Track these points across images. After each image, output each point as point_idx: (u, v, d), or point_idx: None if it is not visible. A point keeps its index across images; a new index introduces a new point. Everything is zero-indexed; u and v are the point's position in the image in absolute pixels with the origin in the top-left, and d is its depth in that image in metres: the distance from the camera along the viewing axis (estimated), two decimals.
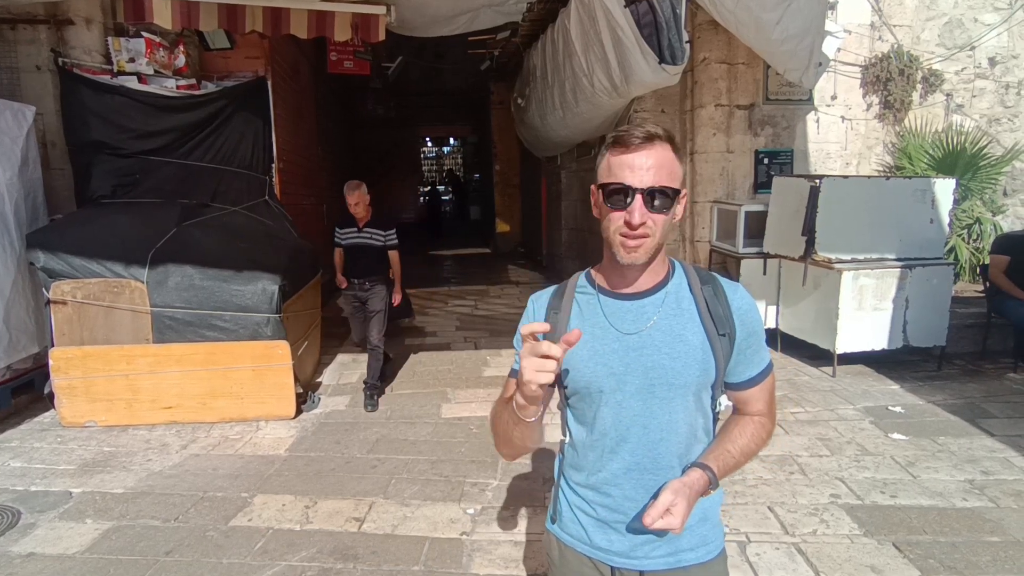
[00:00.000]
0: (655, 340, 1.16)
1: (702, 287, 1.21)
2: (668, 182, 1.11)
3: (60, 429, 3.95)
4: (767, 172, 5.95)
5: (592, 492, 1.22)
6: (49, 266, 3.94)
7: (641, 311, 1.19)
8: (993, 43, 6.51)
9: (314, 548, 2.67)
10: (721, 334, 1.17)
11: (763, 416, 1.26)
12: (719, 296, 1.20)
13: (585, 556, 1.24)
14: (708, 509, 1.23)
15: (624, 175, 1.11)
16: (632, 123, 1.22)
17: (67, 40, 4.81)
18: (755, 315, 1.23)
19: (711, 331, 1.17)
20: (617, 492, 1.19)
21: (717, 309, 1.19)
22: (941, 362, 4.90)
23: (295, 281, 4.52)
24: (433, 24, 5.80)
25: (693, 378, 1.16)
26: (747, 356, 1.22)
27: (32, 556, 2.61)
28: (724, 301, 1.20)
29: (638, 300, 1.19)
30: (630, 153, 1.12)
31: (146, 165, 4.93)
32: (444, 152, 24.80)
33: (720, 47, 5.79)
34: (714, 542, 1.24)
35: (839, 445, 3.57)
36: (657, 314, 1.18)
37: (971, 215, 6.22)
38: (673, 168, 1.13)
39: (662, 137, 1.13)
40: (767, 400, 1.26)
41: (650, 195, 1.10)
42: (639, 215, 1.10)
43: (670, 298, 1.20)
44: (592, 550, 1.23)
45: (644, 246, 1.12)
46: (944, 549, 2.57)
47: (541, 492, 3.10)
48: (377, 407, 4.32)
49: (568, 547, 1.26)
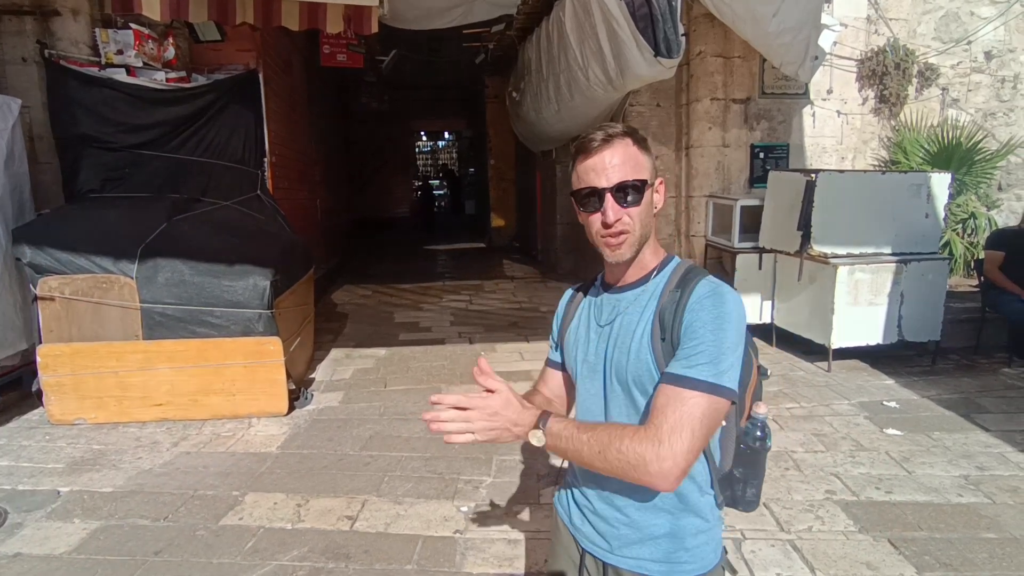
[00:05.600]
0: (614, 333, 1.21)
1: (673, 290, 1.15)
2: (634, 175, 1.14)
3: (48, 427, 3.90)
4: (763, 166, 5.93)
5: (572, 476, 1.32)
6: (36, 262, 3.88)
7: (615, 304, 1.24)
8: (989, 37, 6.50)
9: (305, 547, 2.64)
10: (662, 338, 1.13)
11: (649, 426, 1.03)
12: (681, 300, 1.12)
13: (570, 533, 1.31)
14: (681, 528, 1.16)
15: (591, 179, 1.15)
16: (592, 128, 1.23)
17: (53, 31, 4.72)
18: (702, 316, 1.08)
19: (656, 335, 1.13)
20: (585, 476, 1.26)
21: (668, 313, 1.13)
22: (936, 357, 4.90)
23: (288, 276, 4.47)
24: (427, 16, 5.74)
25: (632, 373, 1.16)
26: (677, 355, 1.09)
27: (19, 556, 2.57)
28: (682, 305, 1.12)
29: (617, 293, 1.24)
30: (592, 156, 1.15)
31: (135, 159, 4.85)
32: (439, 146, 24.72)
33: (716, 40, 5.75)
34: (686, 565, 1.15)
35: (834, 441, 3.56)
36: (627, 308, 1.21)
37: (966, 210, 6.22)
38: (638, 161, 1.16)
39: (620, 134, 1.16)
40: (666, 413, 1.02)
41: (619, 191, 1.14)
42: (612, 213, 1.14)
43: (644, 295, 1.21)
44: (572, 528, 1.30)
45: (627, 241, 1.16)
46: (940, 546, 2.56)
47: (535, 489, 3.08)
48: None
49: (560, 520, 1.35)
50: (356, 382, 4.79)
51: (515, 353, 5.37)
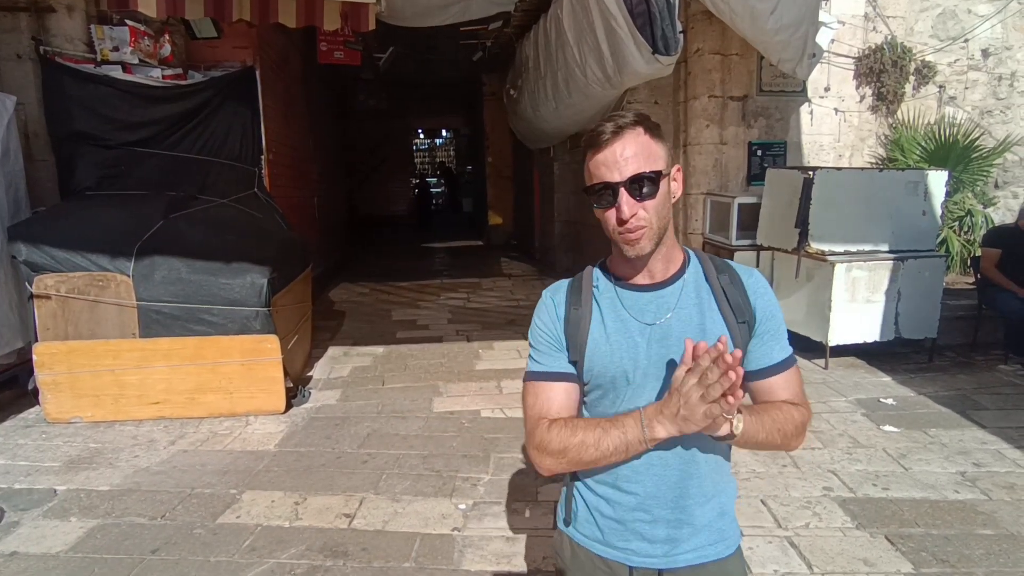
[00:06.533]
0: (675, 330, 1.15)
1: (718, 275, 1.19)
2: (648, 166, 1.09)
3: (45, 425, 3.89)
4: (760, 164, 5.93)
5: (612, 490, 1.18)
6: (32, 259, 3.86)
7: (660, 301, 1.17)
8: (986, 34, 6.50)
9: (303, 545, 2.63)
10: (740, 322, 1.16)
11: (795, 399, 1.20)
12: (735, 283, 1.19)
13: (599, 556, 1.20)
14: (725, 504, 1.22)
15: (603, 173, 1.10)
16: (603, 118, 1.19)
17: (48, 28, 4.70)
18: (772, 299, 1.21)
19: (730, 320, 1.16)
20: (639, 488, 1.16)
21: (735, 297, 1.17)
22: (932, 354, 4.92)
23: (285, 274, 4.46)
24: (424, 14, 5.71)
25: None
26: (765, 341, 1.19)
27: (15, 555, 2.56)
28: (741, 288, 1.18)
29: (656, 291, 1.18)
30: (603, 150, 1.10)
31: (132, 156, 4.84)
32: (436, 144, 24.69)
33: (714, 38, 5.74)
34: (731, 537, 1.22)
35: (831, 437, 3.57)
36: (677, 304, 1.17)
37: (963, 207, 6.23)
38: (651, 151, 1.10)
39: (631, 123, 1.10)
40: (796, 391, 1.20)
41: (633, 185, 1.09)
42: (627, 208, 1.09)
43: (688, 287, 1.18)
44: (607, 549, 1.19)
45: (644, 235, 1.11)
46: (936, 542, 2.57)
47: (533, 487, 3.08)
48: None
49: (581, 547, 1.23)
50: (354, 380, 4.78)
51: (513, 351, 5.36)
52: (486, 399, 4.30)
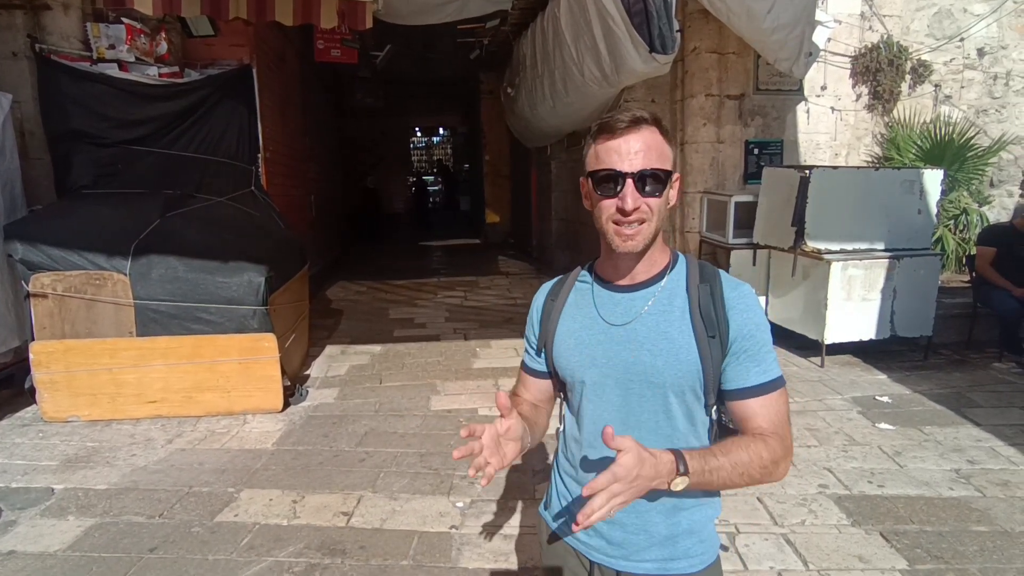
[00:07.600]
0: (639, 335, 1.13)
1: (699, 284, 1.14)
2: (658, 164, 1.08)
3: (42, 424, 3.88)
4: (757, 162, 5.94)
5: (578, 486, 1.21)
6: (28, 258, 3.85)
7: (631, 303, 1.16)
8: (982, 34, 6.53)
9: (301, 543, 2.64)
10: (711, 336, 1.10)
11: (767, 433, 1.09)
12: (715, 295, 1.13)
13: (570, 546, 1.25)
14: (696, 523, 1.17)
15: (612, 161, 1.08)
16: (617, 109, 1.19)
17: (44, 26, 4.68)
18: (753, 317, 1.13)
19: (700, 331, 1.11)
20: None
21: (709, 309, 1.12)
22: (927, 352, 4.94)
23: (282, 273, 4.46)
24: (421, 12, 5.70)
25: (672, 378, 1.11)
26: (741, 361, 1.11)
27: (12, 554, 2.56)
28: (720, 300, 1.13)
29: (630, 292, 1.17)
30: (617, 138, 1.08)
31: (128, 155, 4.82)
32: (434, 142, 24.64)
33: (711, 36, 5.75)
34: (698, 556, 1.17)
35: (827, 435, 3.58)
36: (646, 308, 1.15)
37: (958, 206, 6.25)
38: (663, 150, 1.10)
39: (648, 120, 1.10)
40: (772, 419, 1.09)
41: (641, 179, 1.07)
42: (632, 200, 1.07)
43: (663, 293, 1.15)
44: (575, 541, 1.23)
45: (641, 233, 1.10)
46: (931, 539, 2.59)
47: (531, 485, 3.09)
48: None
49: (552, 534, 1.29)
50: (351, 378, 4.79)
51: (510, 349, 5.37)
52: (483, 397, 4.31)
